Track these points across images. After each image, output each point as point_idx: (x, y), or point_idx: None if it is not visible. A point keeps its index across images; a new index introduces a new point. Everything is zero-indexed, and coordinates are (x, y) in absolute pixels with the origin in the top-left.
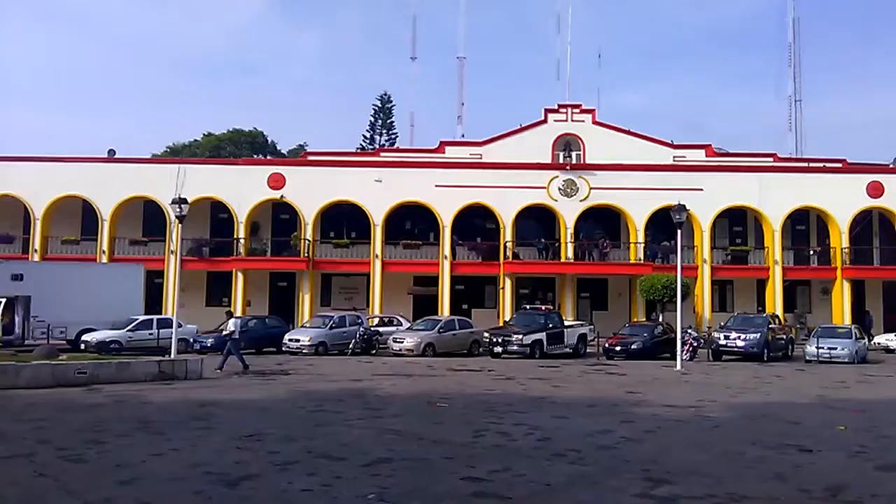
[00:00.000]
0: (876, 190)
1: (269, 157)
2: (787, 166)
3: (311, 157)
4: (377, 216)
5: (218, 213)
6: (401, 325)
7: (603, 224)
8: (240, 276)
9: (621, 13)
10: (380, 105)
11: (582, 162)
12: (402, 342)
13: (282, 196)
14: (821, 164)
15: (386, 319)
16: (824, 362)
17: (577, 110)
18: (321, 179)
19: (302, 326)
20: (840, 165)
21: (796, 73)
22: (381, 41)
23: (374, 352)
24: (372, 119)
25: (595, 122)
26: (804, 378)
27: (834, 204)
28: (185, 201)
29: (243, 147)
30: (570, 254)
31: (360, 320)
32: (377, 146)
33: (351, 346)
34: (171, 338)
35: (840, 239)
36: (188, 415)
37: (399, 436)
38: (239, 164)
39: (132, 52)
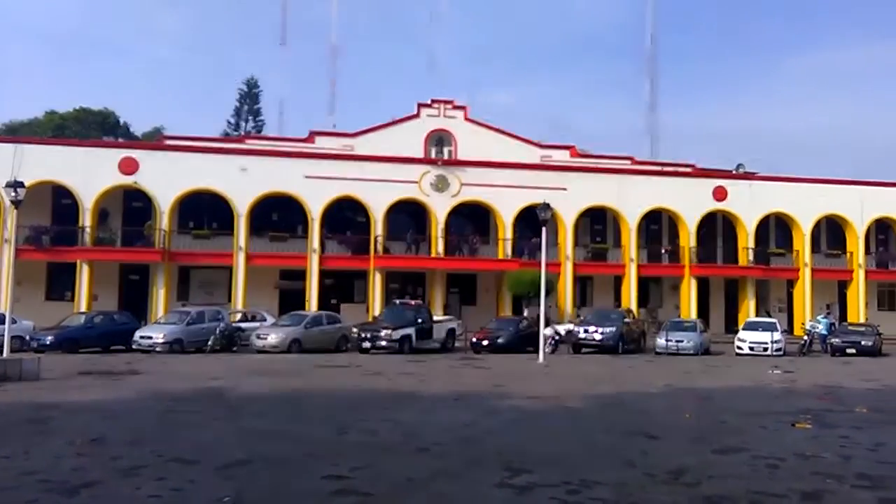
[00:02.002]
0: (720, 194)
1: (120, 140)
2: (643, 169)
3: (168, 142)
4: (241, 206)
5: (61, 199)
6: (265, 320)
7: (473, 220)
8: (85, 267)
9: (494, 14)
10: (246, 90)
11: (454, 158)
12: (266, 338)
13: (134, 182)
14: (673, 168)
15: (249, 315)
16: (672, 354)
17: (450, 106)
18: (180, 166)
19: (155, 322)
20: (690, 170)
21: (654, 82)
22: (248, 24)
23: (235, 349)
24: (237, 104)
25: (467, 119)
26: (654, 369)
27: (684, 206)
28: (21, 185)
29: (91, 127)
30: (441, 249)
31: (220, 316)
32: (242, 133)
33: (210, 343)
34: (2, 335)
35: (688, 239)
36: (22, 419)
37: (259, 436)
38: (85, 146)
39: None
